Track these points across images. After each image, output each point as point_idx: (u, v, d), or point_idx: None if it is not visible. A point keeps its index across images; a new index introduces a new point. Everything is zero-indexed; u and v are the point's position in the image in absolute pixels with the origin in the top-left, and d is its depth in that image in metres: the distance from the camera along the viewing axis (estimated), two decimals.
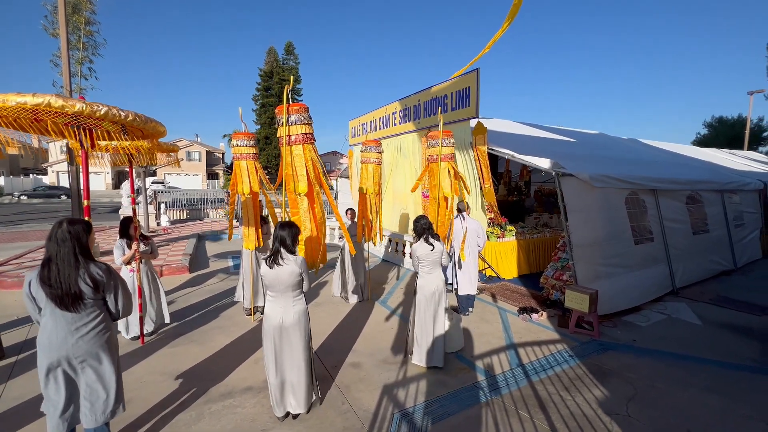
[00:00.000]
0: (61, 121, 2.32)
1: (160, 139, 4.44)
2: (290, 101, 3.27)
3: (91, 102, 2.32)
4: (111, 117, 2.34)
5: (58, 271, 2.10)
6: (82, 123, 2.42)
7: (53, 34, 7.60)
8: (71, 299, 2.13)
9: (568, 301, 4.61)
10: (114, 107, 2.41)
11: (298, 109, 3.34)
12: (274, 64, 33.65)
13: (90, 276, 2.18)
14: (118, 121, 2.45)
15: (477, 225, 5.05)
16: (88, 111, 2.28)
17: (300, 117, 3.33)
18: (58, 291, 2.10)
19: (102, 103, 2.36)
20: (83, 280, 2.15)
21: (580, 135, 10.60)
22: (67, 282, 2.11)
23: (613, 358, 3.92)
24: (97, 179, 40.44)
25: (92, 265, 2.24)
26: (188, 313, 5.13)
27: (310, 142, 3.40)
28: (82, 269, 2.17)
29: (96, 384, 2.26)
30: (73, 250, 2.17)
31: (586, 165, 5.97)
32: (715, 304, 5.64)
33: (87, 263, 2.21)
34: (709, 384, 3.41)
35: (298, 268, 2.71)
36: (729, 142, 25.52)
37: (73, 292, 2.13)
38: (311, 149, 3.41)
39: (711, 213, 7.38)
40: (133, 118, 2.50)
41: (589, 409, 2.99)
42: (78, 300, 2.15)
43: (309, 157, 3.36)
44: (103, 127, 2.48)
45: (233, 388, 3.27)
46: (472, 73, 6.03)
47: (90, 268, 2.21)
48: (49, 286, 2.09)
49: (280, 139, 3.39)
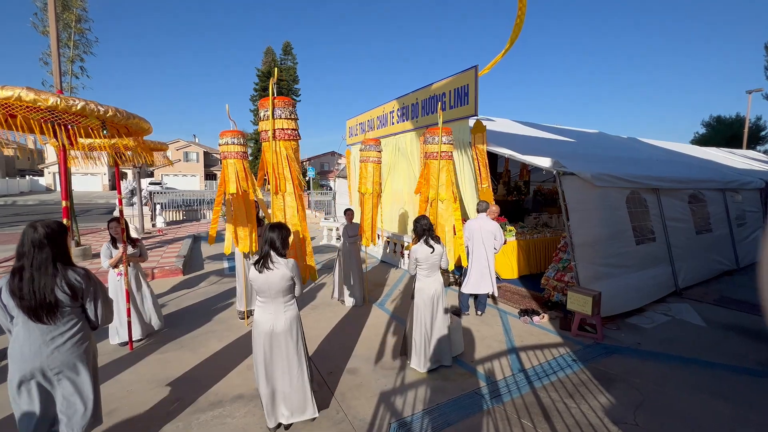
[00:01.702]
0: (35, 116, 2.18)
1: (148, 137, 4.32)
2: (275, 95, 3.12)
3: (67, 96, 2.18)
4: (88, 112, 2.20)
5: (33, 280, 1.95)
6: (58, 119, 2.28)
7: (43, 32, 7.42)
8: (46, 310, 1.98)
9: (570, 303, 4.49)
10: (92, 102, 2.27)
11: (284, 103, 3.20)
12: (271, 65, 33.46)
13: (68, 283, 2.03)
14: (97, 117, 2.31)
15: (494, 226, 4.94)
16: (63, 105, 2.14)
17: (285, 111, 3.19)
18: (31, 302, 1.94)
19: (79, 98, 2.22)
20: (60, 288, 2.00)
21: (579, 134, 10.49)
22: (42, 292, 1.95)
23: (618, 362, 3.80)
24: (94, 180, 40.20)
25: (70, 270, 2.09)
26: (180, 317, 4.99)
27: (293, 138, 3.25)
28: (60, 277, 2.02)
29: (73, 397, 2.12)
30: (51, 256, 2.01)
31: (587, 164, 5.86)
32: (720, 305, 5.53)
33: (65, 269, 2.06)
34: (719, 389, 3.29)
35: (290, 271, 2.57)
36: (727, 141, 25.46)
37: (48, 302, 1.97)
38: (290, 146, 3.26)
39: (713, 212, 7.28)
40: (113, 113, 2.36)
41: (595, 418, 2.87)
42: (53, 311, 2.00)
43: (285, 155, 3.21)
44: (81, 123, 2.33)
45: (223, 397, 3.13)
46: (470, 71, 5.91)
47: (68, 275, 2.06)
48: (20, 297, 1.93)
49: (262, 134, 3.24)
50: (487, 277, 4.97)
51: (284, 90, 33.60)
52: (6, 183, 31.47)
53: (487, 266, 4.95)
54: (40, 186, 37.75)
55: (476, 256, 4.95)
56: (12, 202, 25.56)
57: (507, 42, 5.59)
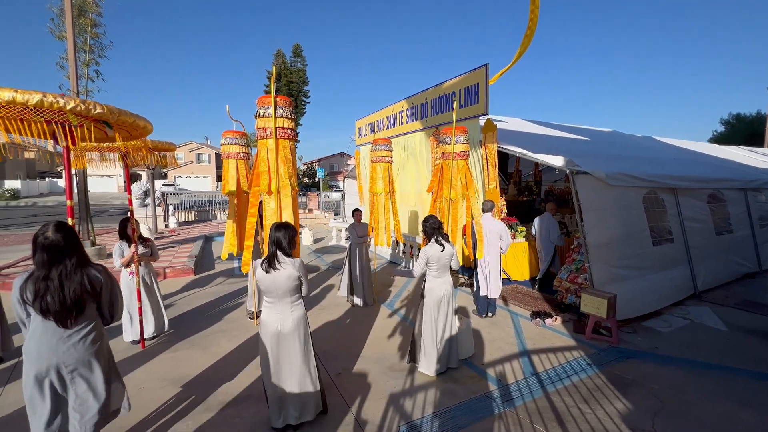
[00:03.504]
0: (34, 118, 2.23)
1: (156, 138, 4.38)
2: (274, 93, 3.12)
3: (54, 93, 2.20)
4: (73, 109, 2.21)
5: (62, 289, 1.96)
6: (49, 118, 2.31)
7: (59, 37, 7.62)
8: (73, 314, 2.00)
9: (584, 306, 4.37)
10: (79, 99, 2.28)
11: (281, 102, 3.19)
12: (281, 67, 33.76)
13: (90, 280, 2.06)
14: (83, 115, 2.32)
15: (500, 227, 4.86)
16: (47, 104, 2.16)
17: (283, 110, 3.18)
18: (59, 308, 1.95)
19: (67, 96, 2.24)
20: (86, 287, 2.02)
21: (593, 133, 10.28)
22: (71, 297, 1.97)
23: (634, 366, 3.68)
24: (110, 182, 41.20)
25: (91, 269, 2.11)
26: (191, 316, 5.04)
27: (291, 138, 3.24)
28: (85, 277, 2.04)
29: (87, 394, 2.13)
30: (78, 262, 2.03)
31: (601, 163, 5.72)
32: (741, 309, 5.32)
33: (88, 269, 2.09)
34: (744, 397, 3.15)
35: (297, 271, 2.55)
36: (747, 139, 24.64)
37: (76, 305, 1.99)
38: (288, 146, 3.25)
39: (734, 212, 7.03)
40: (102, 111, 2.35)
41: (611, 424, 2.77)
42: (79, 314, 2.03)
43: (284, 155, 3.20)
44: (68, 120, 2.35)
45: (233, 397, 3.14)
46: (480, 69, 5.84)
47: (90, 273, 2.08)
48: (46, 304, 1.93)
49: (258, 132, 3.24)
50: (498, 279, 4.89)
51: (294, 92, 33.87)
52: (27, 185, 32.47)
53: (496, 267, 4.87)
54: (59, 187, 38.83)
55: (484, 257, 4.87)
56: (33, 203, 26.36)
57: (518, 48, 5.50)
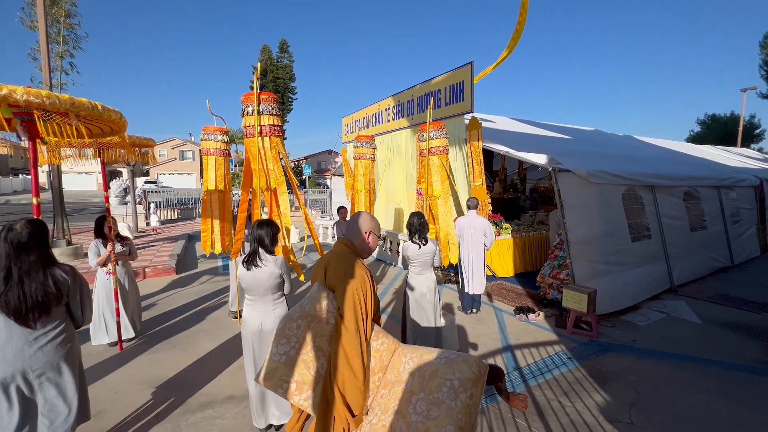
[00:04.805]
0: None
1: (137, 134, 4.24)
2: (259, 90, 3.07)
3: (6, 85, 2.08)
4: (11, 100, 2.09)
5: (22, 284, 1.87)
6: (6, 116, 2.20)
7: (31, 27, 7.27)
8: (36, 314, 1.91)
9: (565, 301, 4.46)
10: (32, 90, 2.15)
11: (267, 99, 3.14)
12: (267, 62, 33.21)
13: (55, 282, 1.97)
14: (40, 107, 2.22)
15: (484, 223, 4.89)
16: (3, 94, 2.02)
17: (269, 107, 3.14)
18: (21, 307, 1.87)
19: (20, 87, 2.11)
20: (49, 289, 1.94)
21: (576, 132, 10.49)
22: (33, 295, 1.88)
23: (614, 359, 3.78)
24: (89, 179, 39.84)
25: (56, 269, 2.03)
26: (172, 316, 4.92)
27: (278, 134, 3.20)
28: (49, 277, 1.96)
29: (57, 399, 2.05)
30: (40, 259, 1.95)
31: (582, 161, 5.83)
32: (714, 302, 5.52)
33: (52, 269, 2.00)
34: (715, 387, 3.27)
35: (278, 269, 2.52)
36: (722, 139, 25.60)
37: (38, 305, 1.91)
38: (279, 142, 3.21)
39: (708, 209, 7.28)
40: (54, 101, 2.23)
41: (590, 416, 2.84)
42: (43, 314, 1.94)
43: (278, 150, 3.16)
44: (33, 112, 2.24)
45: (214, 398, 3.08)
46: (465, 67, 5.87)
47: (55, 273, 2.00)
48: (7, 302, 1.85)
49: (245, 130, 3.19)
50: (482, 275, 4.93)
51: (281, 88, 33.40)
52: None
53: (480, 264, 4.92)
54: None
55: (468, 254, 4.92)
56: (5, 201, 25.28)
57: (505, 49, 5.54)
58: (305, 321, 1.67)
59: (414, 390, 1.54)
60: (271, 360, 1.63)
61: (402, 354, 1.73)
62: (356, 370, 1.58)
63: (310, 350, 1.63)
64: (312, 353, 1.63)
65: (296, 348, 1.61)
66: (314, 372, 1.63)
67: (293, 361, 1.61)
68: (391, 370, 1.71)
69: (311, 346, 1.63)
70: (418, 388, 1.54)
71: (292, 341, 1.63)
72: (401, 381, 1.62)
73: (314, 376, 1.63)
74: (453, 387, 1.46)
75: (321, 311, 1.67)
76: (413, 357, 1.66)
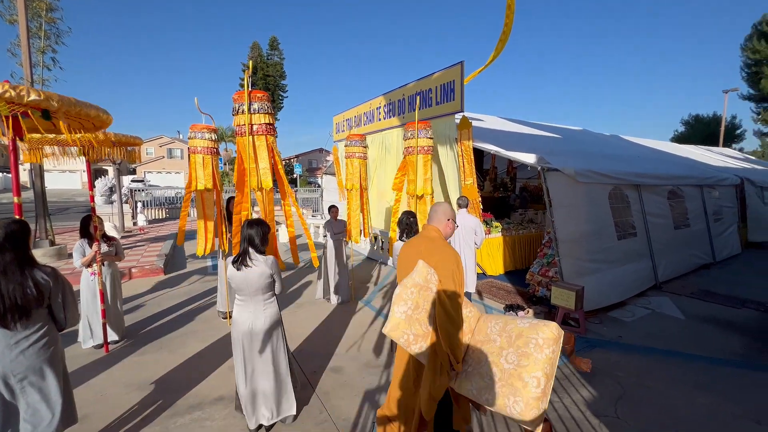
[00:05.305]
0: None
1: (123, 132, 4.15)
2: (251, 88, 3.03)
3: None
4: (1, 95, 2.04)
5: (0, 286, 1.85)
6: None
7: (10, 21, 7.05)
8: (15, 315, 1.88)
9: (554, 298, 4.53)
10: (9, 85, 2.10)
11: (261, 97, 3.11)
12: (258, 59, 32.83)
13: (35, 283, 1.93)
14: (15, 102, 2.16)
15: (474, 222, 4.92)
16: None
17: (262, 105, 3.10)
18: (0, 309, 1.85)
19: None
20: (30, 290, 1.91)
21: (564, 131, 10.63)
22: (11, 296, 1.85)
23: (601, 355, 3.85)
24: (73, 178, 38.90)
25: (36, 270, 1.98)
26: (160, 318, 4.84)
27: (272, 133, 3.17)
28: (27, 277, 1.92)
29: (40, 404, 2.01)
30: (16, 260, 1.91)
31: (570, 160, 5.92)
32: (697, 298, 5.67)
33: (31, 271, 1.96)
34: (698, 381, 3.37)
35: (269, 269, 2.50)
36: (705, 139, 26.26)
37: (18, 307, 1.88)
38: (273, 141, 3.18)
39: (691, 208, 7.47)
40: (37, 97, 2.16)
41: (577, 411, 2.89)
42: (23, 315, 1.91)
43: (272, 149, 3.13)
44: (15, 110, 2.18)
45: (203, 399, 3.04)
46: (456, 67, 5.88)
47: (35, 275, 1.96)
48: None
49: (237, 129, 3.15)
50: (471, 274, 4.97)
51: (271, 86, 33.07)
52: None
53: (471, 262, 4.95)
54: None
55: (458, 252, 4.94)
56: None
57: (494, 50, 5.57)
58: (416, 289, 2.03)
59: (503, 346, 1.95)
60: (394, 316, 2.00)
61: (487, 320, 2.17)
62: (458, 324, 2.01)
63: (422, 311, 2.03)
64: (423, 314, 2.03)
65: (411, 308, 2.01)
66: (425, 329, 2.02)
67: (411, 318, 2.00)
68: (479, 332, 2.15)
69: (422, 308, 2.03)
70: (507, 344, 1.94)
71: (409, 303, 2.01)
72: (490, 340, 2.04)
73: (424, 332, 2.02)
74: (538, 344, 1.83)
75: (427, 282, 2.05)
76: (498, 322, 2.09)
